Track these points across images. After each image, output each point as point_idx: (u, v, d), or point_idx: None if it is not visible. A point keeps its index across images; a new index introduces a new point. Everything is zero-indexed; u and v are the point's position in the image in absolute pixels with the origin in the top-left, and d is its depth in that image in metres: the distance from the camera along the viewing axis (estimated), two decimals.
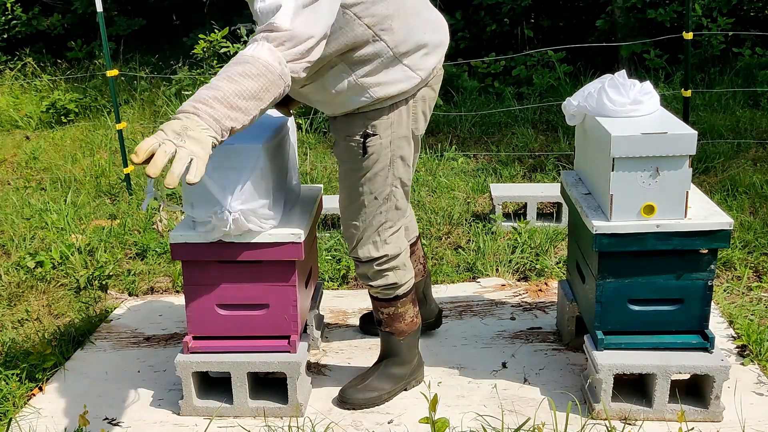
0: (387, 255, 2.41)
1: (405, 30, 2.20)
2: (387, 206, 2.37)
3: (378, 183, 2.33)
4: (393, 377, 2.57)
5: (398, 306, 2.49)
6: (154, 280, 3.67)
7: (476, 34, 7.40)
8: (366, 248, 2.40)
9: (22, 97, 7.48)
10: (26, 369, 2.80)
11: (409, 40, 2.21)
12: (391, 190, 2.35)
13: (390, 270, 2.43)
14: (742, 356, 2.72)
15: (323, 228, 4.11)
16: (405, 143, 2.34)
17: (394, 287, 2.46)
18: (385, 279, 2.44)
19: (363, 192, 2.34)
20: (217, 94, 1.82)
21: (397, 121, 2.29)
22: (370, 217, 2.37)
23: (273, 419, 2.48)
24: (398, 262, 2.44)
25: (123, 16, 8.67)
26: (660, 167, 2.26)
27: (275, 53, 1.88)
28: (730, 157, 4.87)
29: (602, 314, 2.42)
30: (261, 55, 1.86)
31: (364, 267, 2.44)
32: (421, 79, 2.28)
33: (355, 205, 2.37)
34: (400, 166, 2.35)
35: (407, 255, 2.49)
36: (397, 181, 2.36)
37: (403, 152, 2.34)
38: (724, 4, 6.67)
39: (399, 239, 2.44)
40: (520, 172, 4.88)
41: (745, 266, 3.46)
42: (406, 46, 2.21)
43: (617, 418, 2.39)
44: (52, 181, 5.22)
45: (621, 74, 2.50)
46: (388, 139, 2.29)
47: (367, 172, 2.31)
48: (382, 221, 2.38)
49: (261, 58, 1.86)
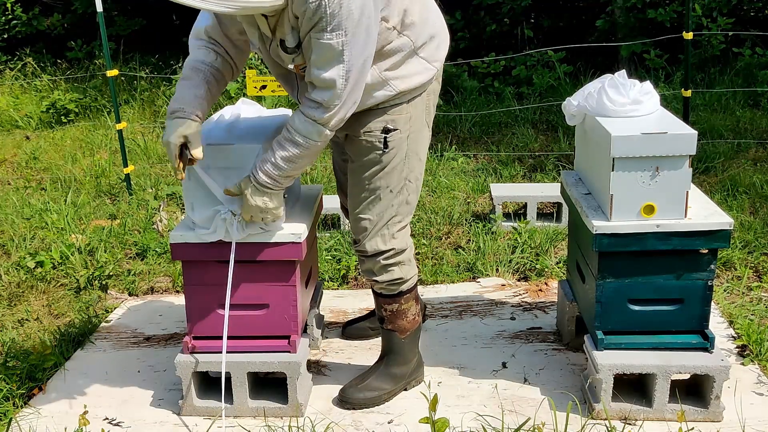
0: (394, 249, 2.42)
1: (420, 22, 2.25)
2: (399, 200, 2.39)
3: (395, 177, 2.36)
4: (393, 377, 2.57)
5: (402, 302, 2.50)
6: (154, 280, 3.67)
7: (476, 34, 7.40)
8: (374, 241, 2.41)
9: (22, 97, 7.48)
10: (26, 369, 2.80)
11: (423, 32, 2.27)
12: (405, 184, 2.39)
13: (396, 265, 2.44)
14: (742, 356, 2.72)
15: (323, 228, 4.11)
16: (421, 136, 2.39)
17: (399, 282, 2.46)
18: (391, 274, 2.44)
19: (380, 186, 2.36)
20: (282, 173, 2.22)
21: (414, 115, 2.33)
22: (383, 211, 2.38)
23: (273, 419, 2.48)
24: (404, 258, 2.45)
25: (123, 16, 8.66)
26: (660, 167, 2.26)
27: (323, 133, 2.16)
28: (730, 157, 4.87)
29: (602, 314, 2.41)
30: (312, 139, 2.17)
31: (369, 262, 2.45)
32: (436, 71, 2.34)
33: (370, 199, 2.38)
34: (414, 160, 2.39)
35: (413, 252, 2.51)
36: (411, 174, 2.39)
37: (419, 146, 2.39)
38: (724, 4, 6.67)
39: (406, 235, 2.46)
40: (520, 172, 4.88)
41: (745, 266, 3.46)
42: (422, 39, 2.27)
43: (617, 418, 2.39)
44: (52, 181, 5.22)
45: (621, 74, 2.50)
46: (407, 134, 2.33)
47: (386, 166, 2.34)
48: (393, 215, 2.39)
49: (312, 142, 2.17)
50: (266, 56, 2.29)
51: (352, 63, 2.04)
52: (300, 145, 2.17)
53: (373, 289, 2.53)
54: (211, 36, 2.30)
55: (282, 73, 2.34)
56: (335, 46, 2.00)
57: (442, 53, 2.36)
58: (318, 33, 2.00)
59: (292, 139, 2.17)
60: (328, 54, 2.02)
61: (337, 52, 2.01)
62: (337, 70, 2.04)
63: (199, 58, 2.29)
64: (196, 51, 2.31)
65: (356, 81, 2.09)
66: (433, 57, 2.32)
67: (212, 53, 2.30)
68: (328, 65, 2.03)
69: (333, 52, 2.01)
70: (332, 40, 1.99)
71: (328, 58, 2.02)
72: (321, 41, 2.00)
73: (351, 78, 2.06)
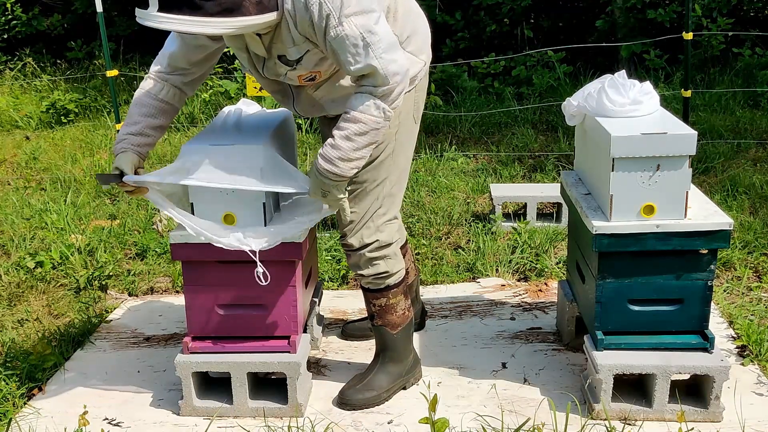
0: (378, 240, 2.43)
1: (404, 16, 2.29)
2: (384, 193, 2.42)
3: (381, 170, 2.38)
4: (390, 374, 2.57)
5: (389, 297, 2.51)
6: (154, 280, 3.67)
7: (476, 34, 7.40)
8: (359, 234, 2.42)
9: (22, 97, 7.48)
10: (26, 369, 2.80)
11: (406, 26, 2.31)
12: (388, 176, 2.41)
13: (381, 258, 2.45)
14: (742, 356, 2.72)
15: (323, 228, 4.11)
16: (408, 131, 2.43)
17: (385, 276, 2.47)
18: (376, 268, 2.45)
19: (366, 179, 2.38)
20: (341, 154, 2.15)
21: (403, 109, 2.35)
22: (369, 204, 2.41)
23: (273, 419, 2.48)
24: (389, 251, 2.47)
25: (123, 17, 8.65)
26: (660, 167, 2.26)
27: (381, 107, 2.11)
28: (730, 157, 4.87)
29: (602, 314, 2.42)
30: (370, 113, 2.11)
31: (355, 256, 2.46)
32: (424, 64, 2.38)
33: (356, 192, 2.40)
34: (401, 155, 2.42)
35: (398, 247, 2.53)
36: (397, 168, 2.42)
37: (406, 140, 2.43)
38: (724, 5, 6.67)
39: (392, 230, 2.47)
40: (520, 173, 4.88)
41: (745, 266, 3.46)
42: (406, 32, 2.31)
43: (617, 419, 2.39)
44: (52, 181, 5.22)
45: (621, 74, 2.50)
46: (395, 129, 2.36)
47: (374, 160, 2.36)
48: (378, 207, 2.42)
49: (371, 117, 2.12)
50: (258, 76, 2.33)
51: (377, 38, 2.04)
52: (358, 121, 2.11)
53: (361, 285, 2.54)
54: (171, 63, 2.36)
55: (277, 89, 2.38)
56: (352, 32, 2.01)
57: (427, 48, 2.42)
58: (333, 30, 2.01)
59: (350, 118, 2.12)
60: (350, 44, 2.03)
61: (357, 36, 2.02)
62: (368, 54, 2.04)
63: (145, 90, 2.37)
64: (144, 83, 2.39)
65: (389, 49, 2.07)
66: (419, 51, 2.37)
67: (158, 84, 2.37)
68: (357, 55, 2.04)
69: (353, 39, 2.02)
70: (346, 29, 2.01)
71: (355, 47, 2.03)
72: (339, 37, 2.02)
73: (384, 53, 2.05)
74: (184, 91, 2.41)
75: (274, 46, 2.14)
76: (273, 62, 2.20)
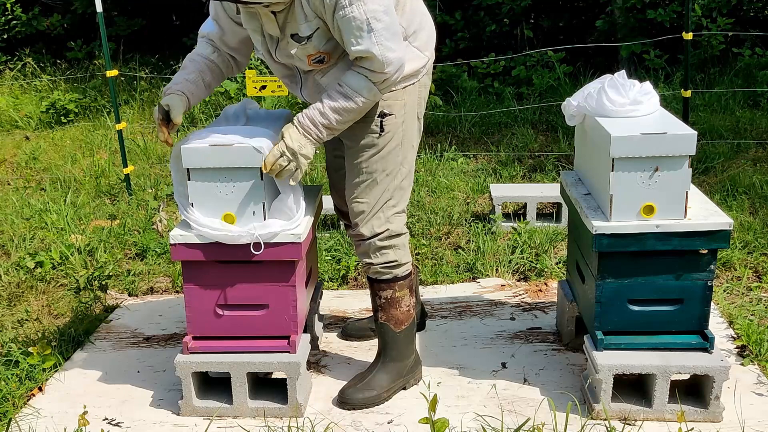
0: (389, 230, 2.47)
1: (411, 11, 2.37)
2: (394, 184, 2.46)
3: (390, 161, 2.43)
4: (391, 374, 2.57)
5: (396, 289, 2.52)
6: (154, 280, 3.67)
7: (476, 34, 7.40)
8: (369, 224, 2.46)
9: (22, 97, 7.48)
10: (26, 369, 2.80)
11: (413, 20, 2.38)
12: (400, 169, 2.46)
13: (390, 248, 2.48)
14: (741, 356, 2.72)
15: (323, 228, 4.11)
16: (413, 124, 2.48)
17: (394, 265, 2.49)
18: (386, 256, 2.48)
19: (376, 170, 2.43)
20: (326, 122, 2.29)
21: (408, 102, 2.42)
22: (378, 194, 2.44)
23: (273, 419, 2.48)
24: (399, 242, 2.50)
25: (123, 16, 8.66)
26: (660, 167, 2.26)
27: (373, 90, 2.26)
28: (730, 157, 4.87)
29: (602, 314, 2.42)
30: (362, 95, 2.26)
31: (365, 245, 2.48)
32: (428, 59, 2.44)
33: (367, 183, 2.44)
34: (408, 147, 2.47)
35: (407, 239, 2.55)
36: (405, 160, 2.47)
37: (412, 133, 2.48)
38: (723, 5, 6.67)
39: (401, 221, 2.51)
40: (519, 173, 4.88)
41: (745, 266, 3.46)
42: (413, 27, 2.38)
43: (617, 419, 2.39)
44: (52, 181, 5.22)
45: (621, 74, 2.50)
46: (402, 119, 2.42)
47: (382, 149, 2.41)
48: (388, 198, 2.46)
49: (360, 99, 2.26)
50: (270, 60, 2.41)
51: (381, 25, 2.16)
52: (349, 99, 2.26)
53: (368, 276, 2.55)
54: (213, 40, 2.51)
55: (287, 74, 2.46)
56: (359, 15, 2.13)
57: (431, 45, 2.48)
58: (342, 11, 2.13)
59: (343, 92, 2.26)
60: (355, 26, 2.15)
61: (363, 20, 2.14)
62: (370, 38, 2.16)
63: (197, 51, 2.52)
64: (198, 46, 2.54)
65: (391, 38, 2.19)
66: (424, 47, 2.44)
67: (210, 47, 2.51)
68: (360, 38, 2.16)
69: (358, 22, 2.14)
70: (354, 11, 2.13)
71: (359, 30, 2.15)
72: (346, 17, 2.14)
73: (386, 41, 2.18)
74: (230, 63, 2.54)
75: (288, 25, 2.25)
76: (286, 42, 2.29)
